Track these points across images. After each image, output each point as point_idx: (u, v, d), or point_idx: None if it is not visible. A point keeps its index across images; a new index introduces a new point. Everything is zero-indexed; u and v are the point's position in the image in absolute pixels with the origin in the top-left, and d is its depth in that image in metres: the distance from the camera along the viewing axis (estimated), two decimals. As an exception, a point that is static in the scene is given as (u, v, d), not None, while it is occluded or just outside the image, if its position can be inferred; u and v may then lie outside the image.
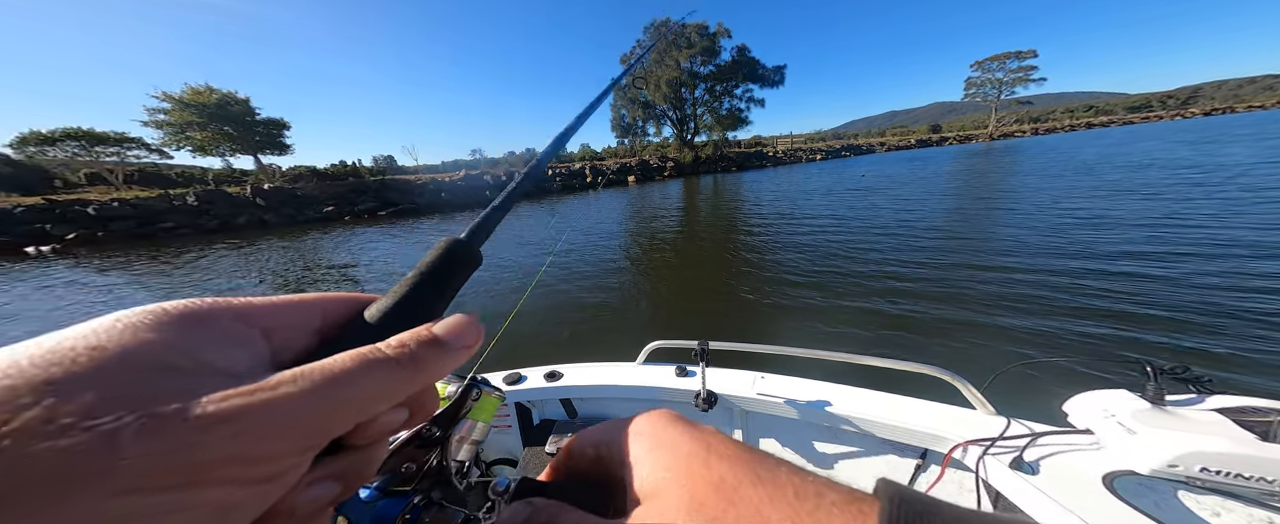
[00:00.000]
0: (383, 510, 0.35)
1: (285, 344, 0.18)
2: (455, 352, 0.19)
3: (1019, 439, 0.92)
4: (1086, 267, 5.10)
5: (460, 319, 0.20)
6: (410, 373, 0.17)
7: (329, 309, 0.20)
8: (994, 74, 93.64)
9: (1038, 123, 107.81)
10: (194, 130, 23.58)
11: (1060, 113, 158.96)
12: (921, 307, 4.36)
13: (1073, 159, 19.88)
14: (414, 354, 0.17)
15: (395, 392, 0.17)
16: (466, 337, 0.19)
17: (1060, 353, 3.22)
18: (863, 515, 0.15)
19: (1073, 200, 9.50)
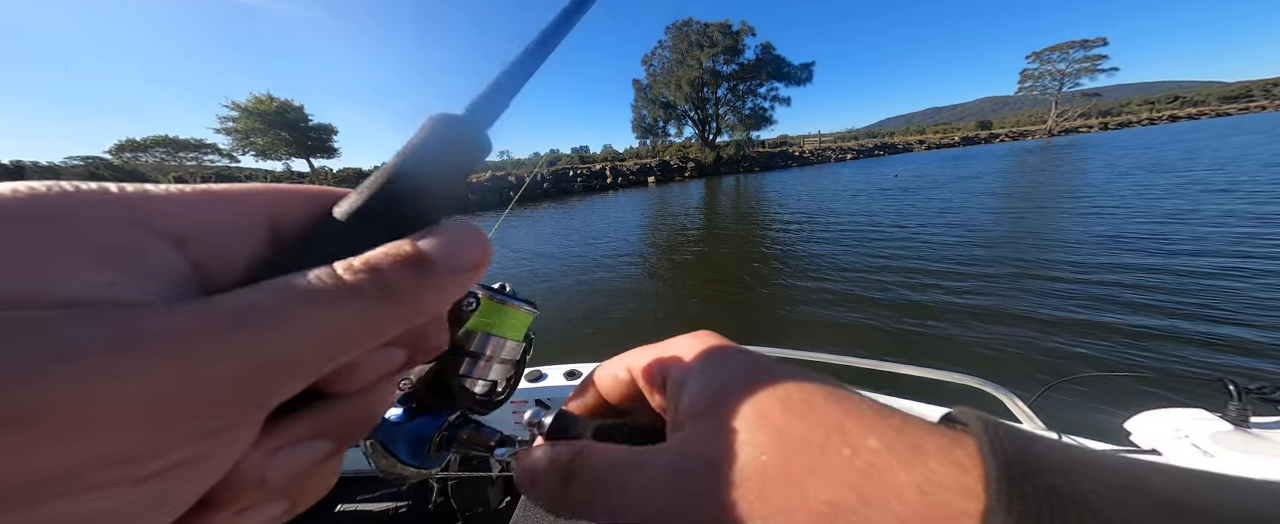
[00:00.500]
0: (417, 430, 0.32)
1: (213, 256, 0.12)
2: (450, 275, 0.13)
3: None
4: (1154, 275, 4.65)
5: (454, 230, 0.14)
6: (382, 307, 0.12)
7: (279, 207, 0.13)
8: (1054, 65, 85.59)
9: (1108, 116, 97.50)
10: (257, 136, 26.47)
11: (1137, 105, 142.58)
12: (957, 314, 4.06)
13: (1149, 155, 17.89)
14: (386, 280, 0.12)
15: (366, 333, 0.12)
16: (466, 253, 0.13)
17: (1122, 368, 2.85)
18: (958, 441, 0.12)
19: (1142, 200, 8.83)
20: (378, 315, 0.12)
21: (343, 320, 0.11)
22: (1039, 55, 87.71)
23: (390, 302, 0.12)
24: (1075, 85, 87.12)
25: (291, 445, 0.12)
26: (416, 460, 0.31)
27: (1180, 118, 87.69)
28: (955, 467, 0.11)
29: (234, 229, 0.12)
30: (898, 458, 0.12)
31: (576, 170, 34.25)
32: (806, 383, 0.15)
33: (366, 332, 0.12)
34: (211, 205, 0.12)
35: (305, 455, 0.13)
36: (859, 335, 3.99)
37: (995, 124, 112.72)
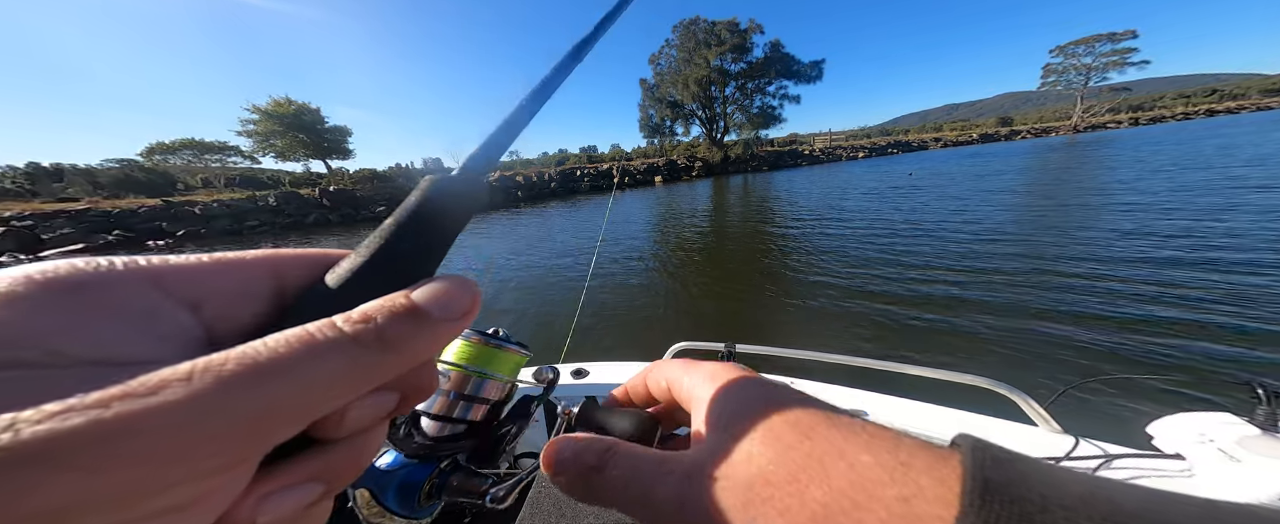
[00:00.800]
0: (410, 477, 0.32)
1: (223, 318, 0.14)
2: (442, 324, 0.14)
3: (1089, 460, 0.81)
4: (1182, 272, 4.50)
5: (445, 283, 0.15)
6: (378, 354, 0.13)
7: (283, 270, 0.15)
8: (1079, 59, 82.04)
9: (1139, 111, 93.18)
10: (276, 139, 27.41)
11: (1171, 98, 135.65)
12: (972, 313, 4.01)
13: (1181, 150, 17.22)
14: (382, 331, 0.13)
15: (361, 378, 0.13)
16: (457, 304, 0.15)
17: (1145, 369, 2.77)
18: (945, 458, 0.14)
19: (1175, 196, 8.48)
20: (374, 362, 0.13)
21: (340, 367, 0.12)
22: (1063, 49, 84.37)
23: (386, 349, 0.13)
24: (1103, 80, 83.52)
25: (283, 490, 0.13)
26: (406, 510, 0.30)
27: (1218, 112, 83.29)
28: (938, 481, 0.13)
29: (242, 293, 0.14)
30: (888, 472, 0.13)
31: (583, 170, 34.49)
32: (814, 410, 0.16)
33: (362, 378, 0.13)
34: (222, 272, 0.14)
35: (296, 500, 0.13)
36: (872, 335, 3.92)
37: (1017, 120, 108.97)
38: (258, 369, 0.11)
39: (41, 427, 0.09)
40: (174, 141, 32.67)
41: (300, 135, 27.65)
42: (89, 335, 0.11)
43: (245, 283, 0.14)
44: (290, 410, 0.11)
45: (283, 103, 26.77)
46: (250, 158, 30.01)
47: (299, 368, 0.11)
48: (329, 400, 0.12)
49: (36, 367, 0.10)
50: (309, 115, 27.79)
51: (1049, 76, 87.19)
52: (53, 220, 19.23)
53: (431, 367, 0.16)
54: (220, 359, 0.11)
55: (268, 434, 0.11)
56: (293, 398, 0.11)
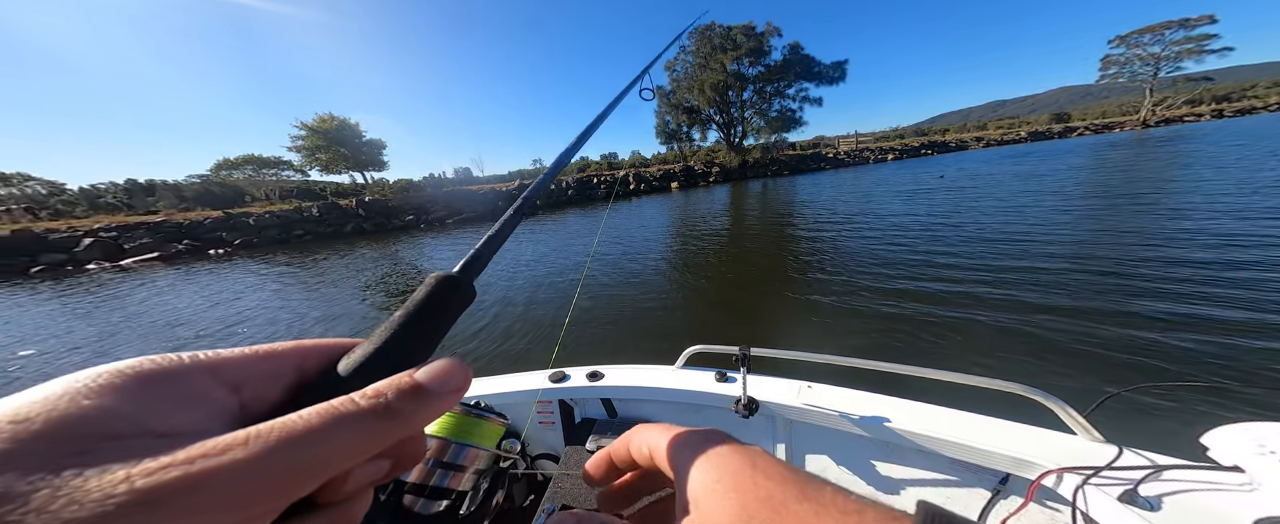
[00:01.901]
0: None
1: (257, 398, 0.17)
2: (439, 398, 0.18)
3: (1134, 471, 0.78)
4: (1238, 277, 4.17)
5: (444, 363, 0.19)
6: (386, 424, 0.16)
7: (305, 358, 0.19)
8: (1146, 48, 73.98)
9: (1225, 102, 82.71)
10: (321, 153, 29.92)
11: (1265, 86, 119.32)
12: (997, 317, 3.86)
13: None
14: (391, 405, 0.17)
15: (369, 445, 0.16)
16: (452, 381, 0.18)
17: (1193, 377, 2.61)
18: (897, 517, 0.15)
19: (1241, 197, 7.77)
20: (381, 430, 0.16)
21: (355, 434, 0.15)
22: (1125, 39, 76.45)
23: (392, 419, 0.16)
24: (1176, 69, 74.79)
25: None
26: None
27: (1324, 100, 72.62)
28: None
29: (273, 377, 0.18)
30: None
31: (600, 177, 35.07)
32: (785, 484, 0.18)
33: (371, 443, 0.16)
34: (258, 361, 0.18)
35: None
36: (893, 338, 3.81)
37: (1074, 116, 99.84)
38: (294, 435, 0.14)
39: (151, 478, 0.12)
40: (237, 158, 36.55)
41: (342, 149, 30.05)
42: (163, 414, 0.14)
43: (276, 369, 0.18)
44: (315, 468, 0.14)
45: (326, 119, 29.25)
46: (300, 171, 32.88)
47: (325, 434, 0.15)
48: (342, 463, 0.15)
49: (129, 438, 0.13)
50: (349, 130, 30.13)
51: (1109, 69, 79.14)
52: (134, 231, 21.88)
53: (421, 436, 0.19)
54: (267, 428, 0.14)
55: (298, 487, 0.14)
56: (318, 458, 0.14)
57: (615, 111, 0.43)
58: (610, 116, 0.40)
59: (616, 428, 1.47)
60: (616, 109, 0.46)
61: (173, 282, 13.11)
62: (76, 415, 0.13)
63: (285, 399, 0.18)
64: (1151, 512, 0.70)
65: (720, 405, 1.31)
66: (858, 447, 1.20)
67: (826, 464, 1.27)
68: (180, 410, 0.15)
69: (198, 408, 0.15)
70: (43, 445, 0.12)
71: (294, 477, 0.14)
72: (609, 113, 0.35)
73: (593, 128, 0.34)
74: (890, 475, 1.16)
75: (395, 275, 10.55)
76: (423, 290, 0.20)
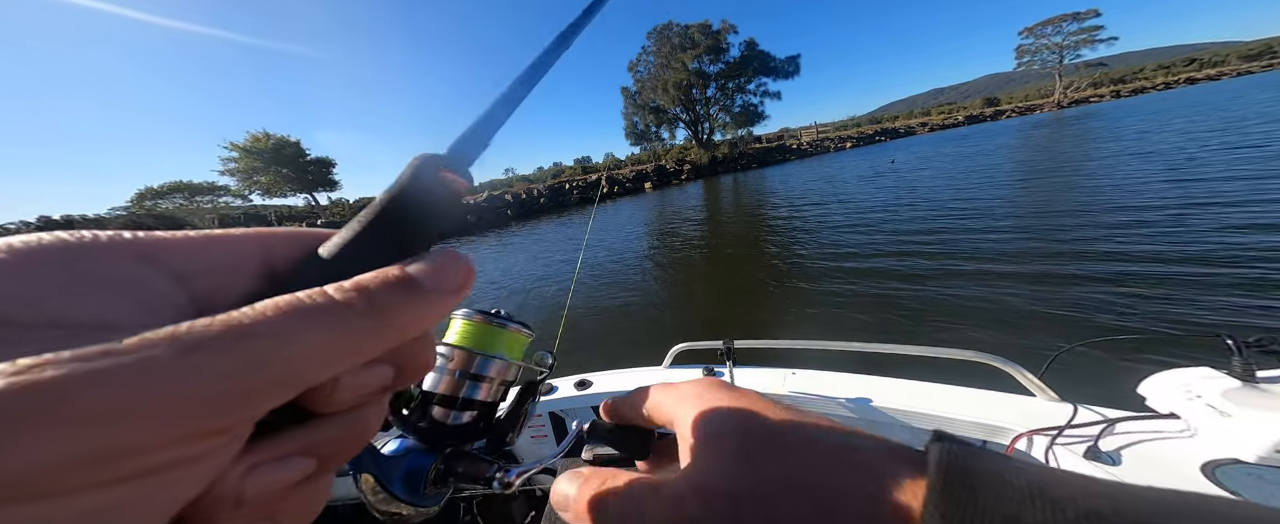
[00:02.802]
0: (414, 463, 0.33)
1: (213, 291, 0.14)
2: (435, 295, 0.14)
3: (1092, 427, 0.84)
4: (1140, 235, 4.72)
5: (441, 256, 0.15)
6: (372, 322, 0.13)
7: (273, 247, 0.15)
8: (1050, 39, 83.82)
9: (1121, 84, 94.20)
10: (258, 175, 27.31)
11: (1152, 69, 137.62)
12: (952, 290, 4.08)
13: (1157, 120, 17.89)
14: (374, 298, 0.13)
15: (351, 347, 0.13)
16: (450, 276, 0.15)
17: (1126, 331, 2.90)
18: (913, 459, 0.15)
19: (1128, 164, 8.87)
20: (365, 330, 0.13)
21: (331, 334, 0.12)
22: (1032, 30, 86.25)
23: (377, 318, 0.13)
24: (1077, 57, 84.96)
25: (272, 462, 0.13)
26: (412, 497, 0.31)
27: (1199, 80, 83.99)
28: (912, 468, 0.15)
29: (230, 267, 0.14)
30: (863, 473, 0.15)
31: (572, 182, 34.42)
32: (789, 419, 0.18)
33: (353, 345, 0.13)
34: (210, 247, 0.14)
35: (285, 473, 0.13)
36: (868, 316, 3.98)
37: (1002, 100, 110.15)
38: (242, 331, 0.11)
39: (17, 378, 0.09)
40: (163, 186, 32.50)
41: (283, 170, 27.57)
42: (78, 302, 0.11)
43: (233, 257, 0.14)
44: (276, 375, 0.11)
45: (260, 137, 26.73)
46: (240, 196, 29.83)
47: (286, 331, 0.11)
48: (319, 368, 0.12)
49: (27, 327, 0.10)
50: (288, 148, 27.71)
51: (1023, 57, 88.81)
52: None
53: (428, 341, 0.16)
54: (204, 322, 0.11)
55: (252, 399, 0.11)
56: (278, 362, 0.11)
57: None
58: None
59: None
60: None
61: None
62: None
63: (250, 293, 0.14)
64: (1114, 466, 0.77)
65: None
66: None
67: None
68: (99, 299, 0.11)
69: (126, 297, 0.12)
70: None
71: (245, 383, 0.11)
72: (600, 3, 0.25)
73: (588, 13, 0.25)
74: None
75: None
76: (408, 171, 0.15)
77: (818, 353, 1.23)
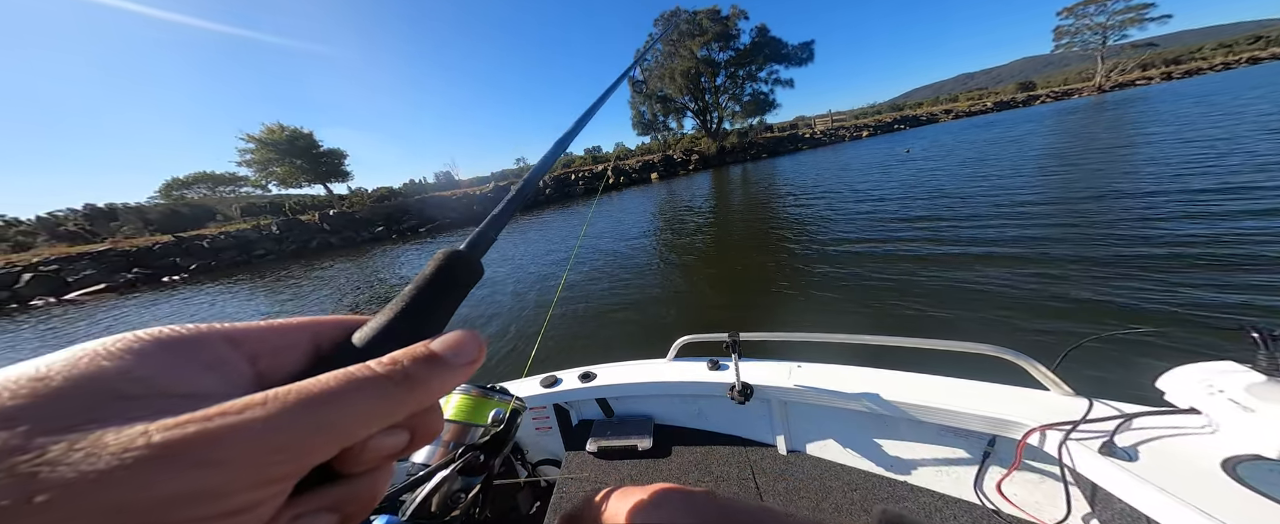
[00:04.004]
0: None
1: (274, 368, 0.18)
2: (455, 368, 0.18)
3: (1107, 422, 0.82)
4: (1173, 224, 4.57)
5: (460, 334, 0.19)
6: (403, 391, 0.16)
7: (321, 332, 0.19)
8: (1092, 19, 77.07)
9: (1175, 65, 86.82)
10: (274, 166, 28.31)
11: (1210, 49, 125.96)
12: (961, 282, 4.03)
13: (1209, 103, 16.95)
14: (407, 371, 0.17)
15: (386, 412, 0.16)
16: (467, 352, 0.19)
17: (1144, 323, 2.81)
18: None
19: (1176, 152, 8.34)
20: (399, 397, 0.16)
21: (373, 399, 0.15)
22: (1072, 10, 79.53)
23: (410, 386, 0.16)
24: (1122, 37, 78.26)
25: (309, 514, 0.16)
26: None
27: (1263, 59, 76.83)
28: None
29: (288, 347, 0.18)
30: None
31: (578, 173, 34.42)
32: None
33: (389, 408, 0.16)
34: (273, 333, 0.18)
35: None
36: (875, 308, 3.93)
37: (1038, 85, 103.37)
38: (311, 396, 0.14)
39: (168, 433, 0.12)
40: (188, 177, 34.36)
41: (297, 161, 28.50)
42: (182, 378, 0.15)
43: (291, 340, 0.18)
44: (333, 432, 0.14)
45: (275, 129, 27.65)
46: (259, 186, 31.12)
47: (342, 397, 0.15)
48: (360, 427, 0.15)
49: (144, 398, 0.13)
50: (302, 140, 28.60)
51: (1062, 39, 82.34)
52: (76, 262, 20.26)
53: (438, 410, 0.19)
54: (284, 390, 0.14)
55: (314, 451, 0.14)
56: (335, 421, 0.14)
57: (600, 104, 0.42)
58: (600, 107, 0.39)
59: (615, 427, 1.48)
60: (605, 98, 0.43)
61: (125, 312, 12.22)
62: (96, 375, 0.13)
63: (301, 370, 0.18)
64: (1130, 462, 0.74)
65: (715, 394, 1.33)
66: (852, 422, 1.23)
67: (824, 443, 1.29)
68: (199, 375, 0.15)
69: (216, 373, 0.16)
70: (62, 402, 0.12)
71: (311, 439, 0.14)
72: (608, 96, 0.35)
73: (590, 113, 0.34)
74: (886, 449, 1.19)
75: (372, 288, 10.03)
76: (432, 266, 0.20)
77: (824, 346, 1.19)
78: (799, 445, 1.33)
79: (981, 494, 1.04)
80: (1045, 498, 0.97)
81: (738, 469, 1.29)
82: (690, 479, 1.28)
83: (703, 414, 1.48)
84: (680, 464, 1.34)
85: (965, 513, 1.03)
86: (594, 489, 0.28)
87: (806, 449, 1.32)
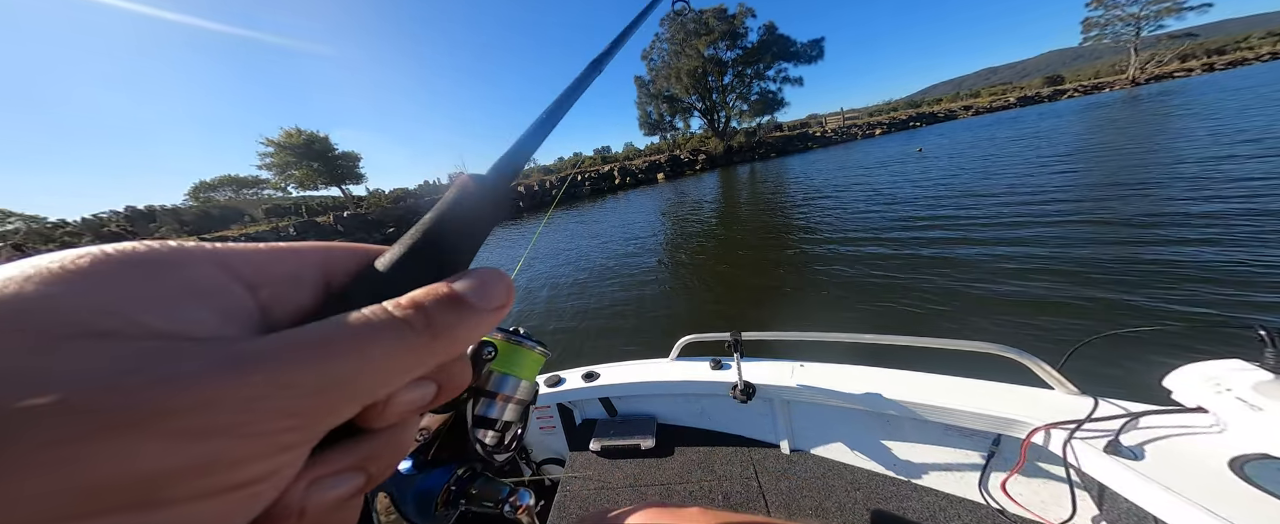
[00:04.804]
0: (427, 483, 0.33)
1: (277, 301, 0.14)
2: (482, 313, 0.15)
3: (1113, 421, 0.81)
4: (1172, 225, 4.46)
5: (484, 273, 0.16)
6: (427, 340, 0.14)
7: (332, 259, 0.16)
8: (1124, 9, 73.27)
9: (1217, 56, 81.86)
10: (293, 169, 29.45)
11: (1259, 37, 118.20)
12: (960, 287, 3.98)
13: None
14: (429, 316, 0.14)
15: (411, 364, 0.13)
16: (495, 294, 0.15)
17: (1150, 322, 2.78)
18: None
19: None
20: (422, 346, 0.13)
21: (394, 349, 0.13)
22: (1101, 1, 75.89)
23: (433, 334, 0.14)
24: (1158, 27, 73.96)
25: (332, 476, 0.14)
26: (423, 518, 0.31)
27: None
28: None
29: (295, 278, 0.15)
30: None
31: (584, 174, 34.58)
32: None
33: (413, 361, 0.13)
34: (278, 259, 0.15)
35: (342, 487, 0.14)
36: (879, 307, 3.91)
37: (1068, 78, 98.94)
38: (326, 345, 0.12)
39: (150, 390, 0.09)
40: (214, 180, 36.15)
41: (314, 164, 29.56)
42: (166, 309, 0.11)
43: (299, 269, 0.15)
44: (351, 390, 0.12)
45: (293, 133, 28.78)
46: (279, 188, 32.40)
47: (360, 347, 0.12)
48: (383, 382, 0.13)
49: (122, 336, 0.10)
50: (319, 143, 29.69)
51: (1090, 31, 78.43)
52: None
53: (465, 360, 0.16)
54: (292, 335, 0.12)
55: (332, 411, 0.12)
56: (353, 376, 0.12)
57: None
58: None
59: (618, 427, 1.49)
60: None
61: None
62: (47, 303, 0.10)
63: (313, 305, 0.15)
64: (1136, 460, 0.73)
65: (718, 393, 1.32)
66: (855, 422, 1.22)
67: (826, 443, 1.29)
68: (185, 306, 0.12)
69: (208, 304, 0.12)
70: (7, 343, 0.09)
71: (328, 397, 0.12)
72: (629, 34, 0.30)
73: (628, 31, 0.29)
74: (889, 449, 1.18)
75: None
76: (453, 192, 0.17)
77: (827, 345, 1.19)
78: (802, 445, 1.33)
79: (986, 494, 1.04)
80: (1051, 497, 0.96)
81: (740, 469, 1.29)
82: (693, 479, 1.29)
83: (706, 414, 1.48)
84: (683, 464, 1.35)
85: (970, 512, 1.03)
86: None
87: (809, 449, 1.32)
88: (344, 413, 0.12)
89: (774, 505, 1.15)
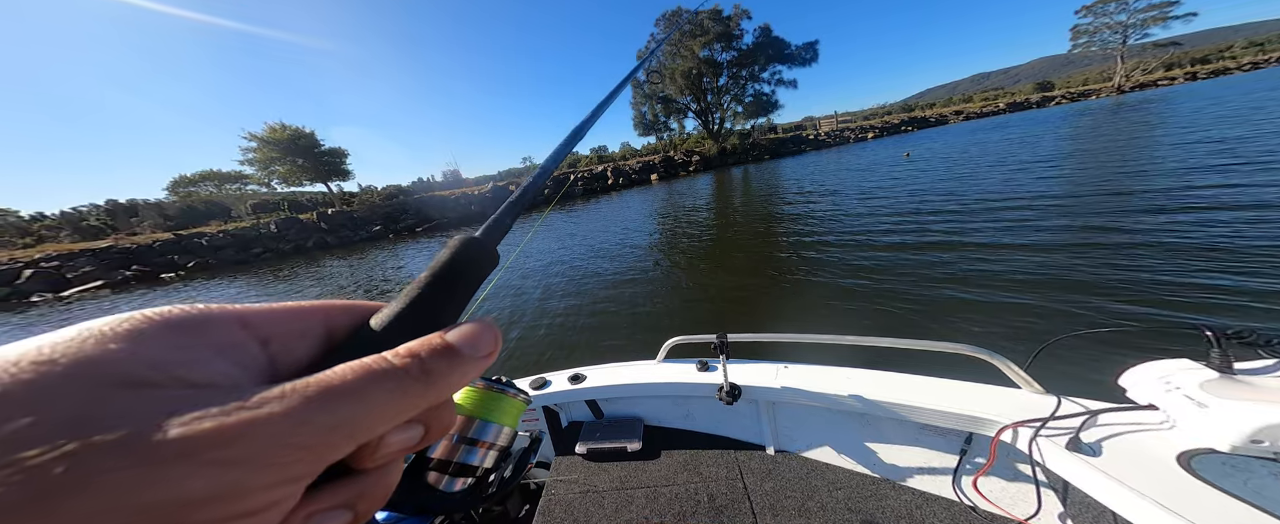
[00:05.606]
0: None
1: (286, 353, 0.17)
2: (471, 361, 0.17)
3: (1073, 418, 0.86)
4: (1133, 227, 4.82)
5: (476, 325, 0.18)
6: (421, 386, 0.15)
7: (333, 317, 0.18)
8: (1112, 17, 74.38)
9: (1201, 64, 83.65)
10: (277, 164, 28.64)
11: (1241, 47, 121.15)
12: (937, 289, 4.17)
13: None
14: (424, 364, 0.16)
15: (404, 407, 0.15)
16: (483, 344, 0.18)
17: (1108, 324, 2.97)
18: None
19: None
20: (416, 392, 0.15)
21: (391, 394, 0.15)
22: (1091, 9, 76.71)
23: (426, 380, 0.16)
24: (1144, 36, 75.30)
25: (325, 511, 0.15)
26: None
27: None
28: None
29: (301, 333, 0.17)
30: None
31: (576, 174, 34.28)
32: None
33: (405, 405, 0.15)
34: (288, 317, 0.17)
35: (333, 522, 0.15)
36: (860, 310, 4.03)
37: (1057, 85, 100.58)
38: (331, 391, 0.14)
39: (186, 428, 0.11)
40: (195, 175, 35.08)
41: (299, 160, 28.80)
42: (195, 363, 0.13)
43: (304, 326, 0.17)
44: (351, 430, 0.14)
45: (277, 128, 27.98)
46: (263, 184, 31.53)
47: (361, 392, 0.14)
48: (380, 422, 0.15)
49: (164, 386, 0.12)
50: (304, 139, 28.92)
51: (1079, 38, 79.58)
52: (76, 260, 20.54)
53: (451, 405, 0.18)
54: (304, 383, 0.13)
55: (332, 449, 0.14)
56: (354, 417, 0.14)
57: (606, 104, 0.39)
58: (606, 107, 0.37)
59: (604, 429, 1.48)
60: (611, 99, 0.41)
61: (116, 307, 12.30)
62: (104, 358, 0.12)
63: (314, 357, 0.17)
64: (1095, 457, 0.77)
65: (704, 395, 1.34)
66: (837, 422, 1.26)
67: (809, 444, 1.32)
68: (212, 360, 0.14)
69: (229, 359, 0.15)
70: (69, 389, 0.11)
71: (332, 436, 0.13)
72: (614, 97, 0.35)
73: (598, 112, 0.33)
74: (869, 448, 1.22)
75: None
76: (447, 252, 0.19)
77: (810, 346, 1.24)
78: (785, 446, 1.36)
79: (960, 491, 1.07)
80: (1018, 494, 1.00)
81: (726, 470, 1.30)
82: (678, 482, 1.30)
83: (691, 415, 1.50)
84: (669, 466, 1.35)
85: (945, 510, 1.06)
86: None
87: (793, 449, 1.35)
88: (344, 449, 0.14)
89: (758, 507, 1.17)
